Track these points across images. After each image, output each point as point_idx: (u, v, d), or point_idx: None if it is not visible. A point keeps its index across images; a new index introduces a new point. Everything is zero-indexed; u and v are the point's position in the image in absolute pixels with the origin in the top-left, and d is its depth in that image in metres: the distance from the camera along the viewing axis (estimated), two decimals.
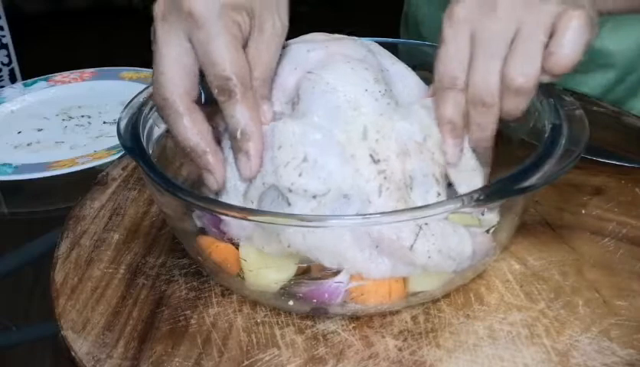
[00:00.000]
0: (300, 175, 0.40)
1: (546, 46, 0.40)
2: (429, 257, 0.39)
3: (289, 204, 0.40)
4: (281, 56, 0.45)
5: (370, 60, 0.46)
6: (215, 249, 0.43)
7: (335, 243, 0.40)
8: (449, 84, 0.42)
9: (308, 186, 0.40)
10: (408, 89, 0.47)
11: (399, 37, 0.92)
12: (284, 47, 0.45)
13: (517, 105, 0.42)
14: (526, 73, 0.40)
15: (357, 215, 0.40)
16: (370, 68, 0.44)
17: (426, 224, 0.39)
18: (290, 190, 0.40)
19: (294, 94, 0.44)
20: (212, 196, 0.45)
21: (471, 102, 0.42)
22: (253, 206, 0.42)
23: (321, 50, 0.46)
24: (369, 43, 0.49)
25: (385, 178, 0.41)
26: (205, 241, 0.44)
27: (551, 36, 0.39)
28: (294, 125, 0.42)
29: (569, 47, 0.39)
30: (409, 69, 0.48)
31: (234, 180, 0.43)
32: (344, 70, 0.44)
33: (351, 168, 0.41)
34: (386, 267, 0.40)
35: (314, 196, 0.40)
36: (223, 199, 0.44)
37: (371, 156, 0.41)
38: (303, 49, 0.46)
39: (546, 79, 0.41)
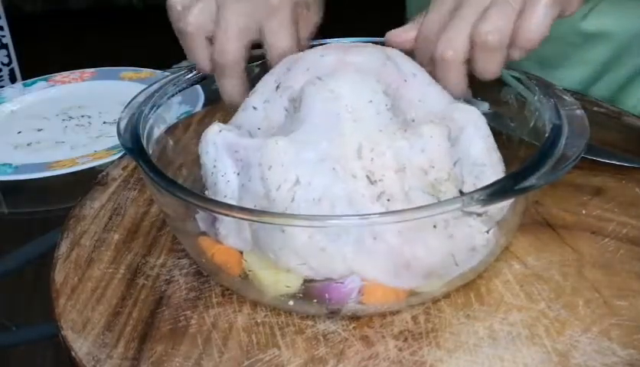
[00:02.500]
0: (292, 200, 0.39)
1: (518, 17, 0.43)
2: (459, 265, 0.40)
3: (283, 231, 0.39)
4: (296, 59, 0.47)
5: (388, 70, 0.45)
6: (217, 251, 0.43)
7: (348, 262, 0.39)
8: (422, 45, 0.47)
9: (301, 209, 0.39)
10: (426, 102, 0.45)
11: None
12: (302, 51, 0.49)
13: (486, 64, 0.44)
14: (494, 29, 0.43)
15: (357, 215, 0.40)
16: (382, 80, 0.43)
17: (452, 232, 0.39)
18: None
19: (298, 96, 0.44)
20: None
21: (437, 59, 0.45)
22: (247, 233, 0.42)
23: (334, 56, 0.45)
24: (394, 52, 0.47)
25: (388, 200, 0.39)
26: (207, 243, 0.44)
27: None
28: (285, 142, 0.40)
29: (536, 22, 0.43)
30: (432, 79, 0.47)
31: (228, 201, 0.43)
32: (351, 79, 0.43)
33: (347, 188, 0.39)
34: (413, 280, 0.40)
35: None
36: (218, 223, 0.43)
37: (367, 177, 0.40)
38: (318, 53, 0.46)
39: (516, 54, 0.44)
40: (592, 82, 0.74)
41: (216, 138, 0.44)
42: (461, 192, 0.41)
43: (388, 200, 0.39)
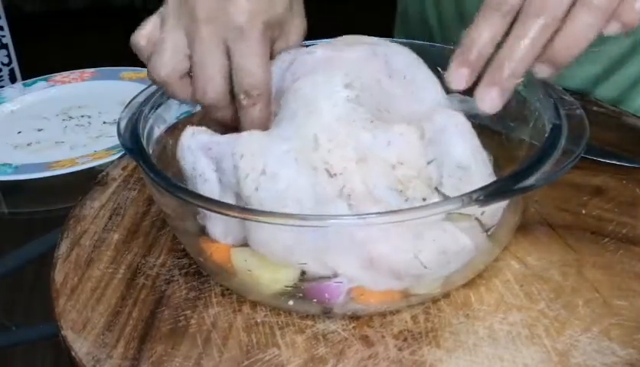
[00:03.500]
0: (257, 189, 0.39)
1: None
2: (432, 266, 0.39)
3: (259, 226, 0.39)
4: (292, 61, 0.47)
5: (372, 64, 0.45)
6: (216, 250, 0.43)
7: (324, 253, 0.39)
8: (497, 5, 0.41)
9: (264, 200, 0.39)
10: (409, 102, 0.45)
11: (391, 36, 0.92)
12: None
13: (579, 28, 0.40)
14: None
15: (356, 214, 0.40)
16: (354, 73, 0.43)
17: (420, 234, 0.39)
18: (251, 204, 0.40)
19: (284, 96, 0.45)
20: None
21: (524, 14, 0.40)
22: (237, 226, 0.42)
23: (318, 53, 0.46)
24: (390, 50, 0.47)
25: (349, 195, 0.39)
26: (206, 242, 0.44)
27: None
28: (259, 135, 0.41)
29: None
30: (432, 80, 0.46)
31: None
32: (312, 74, 0.43)
33: (309, 181, 0.40)
34: (387, 281, 0.40)
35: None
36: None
37: (327, 170, 0.39)
38: (304, 51, 0.47)
39: (614, 28, 0.40)
40: (601, 80, 0.74)
41: (190, 142, 0.44)
42: (437, 189, 0.41)
43: (349, 195, 0.39)
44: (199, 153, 0.44)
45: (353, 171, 0.39)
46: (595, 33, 0.40)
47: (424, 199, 0.40)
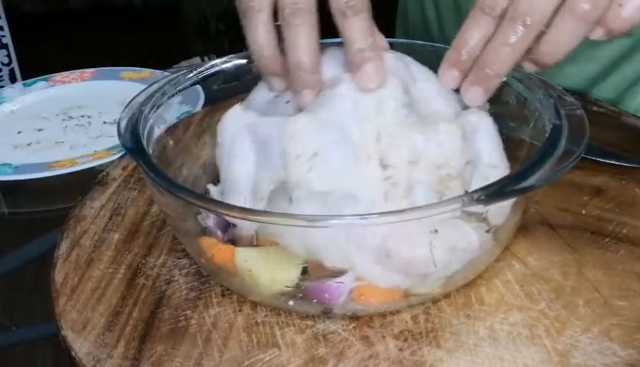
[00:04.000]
0: (309, 170, 0.40)
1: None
2: (440, 264, 0.39)
3: (291, 201, 0.40)
4: (332, 51, 0.46)
5: (403, 72, 0.46)
6: (217, 251, 0.43)
7: (339, 246, 0.39)
8: (488, 9, 0.42)
9: (314, 182, 0.40)
10: (437, 104, 0.46)
11: (394, 36, 0.92)
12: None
13: (562, 35, 0.40)
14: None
15: (356, 215, 0.40)
16: (401, 78, 0.44)
17: (437, 230, 0.39)
18: (297, 186, 0.40)
19: (330, 82, 0.44)
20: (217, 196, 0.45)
21: (508, 18, 0.41)
22: (263, 204, 0.42)
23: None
24: (402, 55, 0.48)
25: (392, 184, 0.40)
26: (207, 243, 0.44)
27: None
28: (308, 119, 0.42)
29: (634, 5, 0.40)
30: (442, 87, 0.47)
31: (244, 177, 0.43)
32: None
33: (359, 170, 0.41)
34: (396, 278, 0.40)
35: (320, 194, 0.40)
36: (230, 197, 0.44)
37: (381, 160, 0.41)
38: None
39: (599, 33, 0.41)
40: (599, 79, 0.74)
41: (237, 117, 0.45)
42: (466, 192, 0.42)
43: (392, 185, 0.40)
44: (243, 130, 0.44)
45: (403, 167, 0.41)
46: (580, 39, 0.41)
47: None
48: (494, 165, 0.44)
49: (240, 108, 0.46)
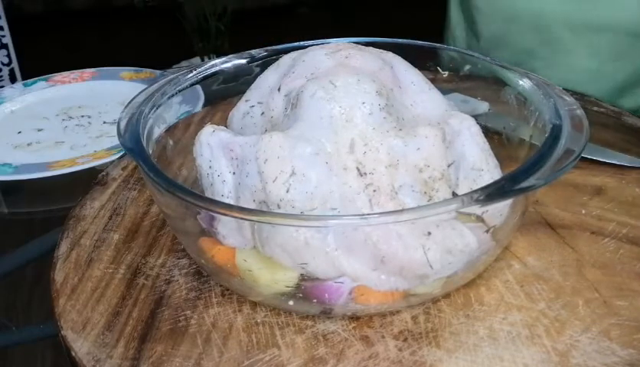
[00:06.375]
0: (288, 191, 0.40)
1: None
2: (437, 266, 0.39)
3: (272, 227, 0.40)
4: (299, 56, 0.46)
5: (385, 73, 0.45)
6: (217, 252, 0.43)
7: (329, 258, 0.39)
8: None
9: (295, 201, 0.40)
10: (421, 109, 0.46)
11: (441, 39, 0.93)
12: (305, 48, 0.47)
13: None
14: None
15: (356, 215, 0.40)
16: (378, 81, 0.44)
17: (430, 232, 0.39)
18: (279, 206, 0.40)
19: (296, 95, 0.44)
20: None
21: None
22: (247, 232, 0.42)
23: (335, 58, 0.46)
24: (392, 56, 0.48)
25: (374, 191, 0.40)
26: (207, 243, 0.44)
27: None
28: (280, 137, 0.41)
29: None
30: (431, 87, 0.47)
31: (226, 199, 0.43)
32: (346, 81, 0.43)
33: (339, 181, 0.40)
34: (394, 281, 0.40)
35: (302, 213, 0.39)
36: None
37: (357, 169, 0.40)
38: (320, 53, 0.46)
39: None
40: (598, 76, 0.74)
41: (210, 139, 0.44)
42: (454, 194, 0.42)
43: (374, 191, 0.40)
44: (219, 152, 0.44)
45: (382, 172, 0.41)
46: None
47: None
48: (479, 168, 0.44)
49: (211, 129, 0.45)
